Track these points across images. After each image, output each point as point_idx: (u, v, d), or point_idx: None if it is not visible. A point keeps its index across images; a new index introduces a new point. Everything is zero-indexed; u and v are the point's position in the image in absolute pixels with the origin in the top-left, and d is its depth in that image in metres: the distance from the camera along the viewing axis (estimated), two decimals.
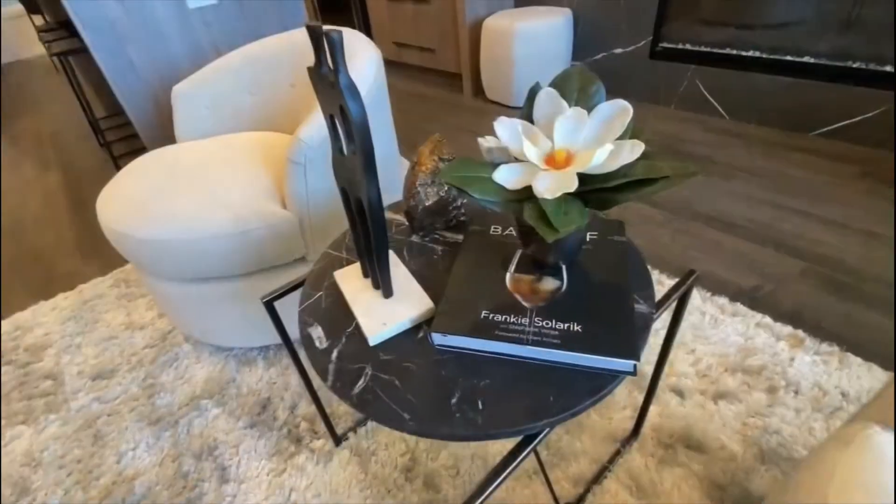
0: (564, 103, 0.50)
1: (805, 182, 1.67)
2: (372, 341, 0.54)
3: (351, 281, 0.62)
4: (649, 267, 0.63)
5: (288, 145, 0.94)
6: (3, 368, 1.29)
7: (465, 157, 0.51)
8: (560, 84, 0.52)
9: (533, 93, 0.53)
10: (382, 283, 0.57)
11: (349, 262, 0.69)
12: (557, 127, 0.49)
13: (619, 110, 0.49)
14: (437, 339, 0.53)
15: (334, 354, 0.54)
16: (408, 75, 3.33)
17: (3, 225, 2.05)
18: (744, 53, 2.03)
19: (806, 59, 1.88)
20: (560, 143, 0.50)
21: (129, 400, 1.15)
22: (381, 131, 1.17)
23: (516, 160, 0.52)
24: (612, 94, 2.45)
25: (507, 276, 0.56)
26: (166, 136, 1.87)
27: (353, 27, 3.38)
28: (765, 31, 1.94)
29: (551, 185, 0.45)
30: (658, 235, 1.50)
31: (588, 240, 0.63)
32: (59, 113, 3.56)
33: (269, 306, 0.70)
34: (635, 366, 0.48)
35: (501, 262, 0.61)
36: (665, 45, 2.24)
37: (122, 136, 2.79)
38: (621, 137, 0.48)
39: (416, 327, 0.57)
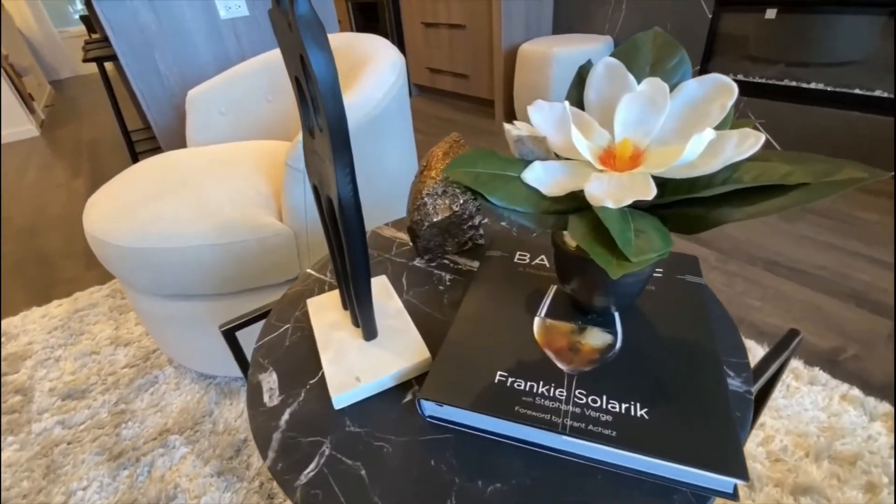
0: (632, 79, 0.35)
1: (881, 227, 1.44)
2: (337, 402, 0.38)
3: (326, 313, 0.47)
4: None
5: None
6: None
7: (485, 150, 0.36)
8: (625, 54, 0.37)
9: (583, 71, 0.39)
10: (362, 321, 0.41)
11: (332, 288, 0.54)
12: (621, 110, 0.34)
13: (714, 89, 0.33)
14: (430, 409, 0.37)
15: (285, 417, 0.38)
16: (439, 100, 3.28)
17: (20, 226, 2.03)
18: (804, 85, 1.84)
19: (878, 92, 1.69)
20: (623, 134, 0.35)
21: (95, 427, 1.02)
22: (399, 144, 1.05)
23: (557, 157, 0.36)
24: None
25: (536, 321, 0.40)
26: (184, 144, 1.82)
27: None
28: (821, 69, 1.77)
29: (614, 190, 0.29)
30: (710, 279, 1.29)
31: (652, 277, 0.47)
32: (101, 123, 3.67)
33: (230, 336, 0.56)
34: (736, 487, 0.30)
35: (528, 302, 0.45)
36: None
37: (151, 147, 2.80)
38: (718, 129, 0.32)
39: (404, 385, 0.41)
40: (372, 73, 0.93)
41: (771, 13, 1.84)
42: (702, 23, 2.01)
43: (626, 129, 0.34)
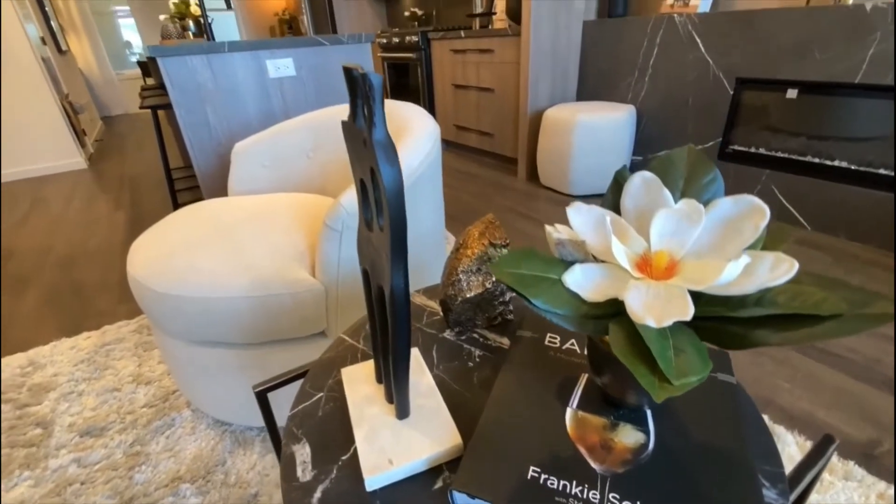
0: (667, 194, 0.38)
1: None
2: (369, 484, 0.39)
3: (360, 385, 0.49)
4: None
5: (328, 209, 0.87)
6: (2, 407, 1.22)
7: (527, 249, 0.38)
8: (661, 168, 0.40)
9: (620, 178, 0.42)
10: (397, 402, 0.43)
11: (364, 356, 0.56)
12: (657, 223, 0.37)
13: (747, 210, 0.35)
14: (462, 500, 0.37)
15: (317, 494, 0.39)
16: (465, 155, 3.40)
17: (62, 255, 2.13)
18: (827, 162, 1.87)
19: None
20: (659, 245, 0.37)
21: (109, 468, 1.02)
22: (430, 206, 1.10)
23: (595, 258, 0.39)
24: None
25: (568, 413, 0.41)
26: (224, 191, 1.92)
27: None
28: (844, 143, 1.80)
29: (652, 304, 0.31)
30: (738, 357, 1.27)
31: None
32: (144, 160, 3.90)
33: (262, 398, 0.57)
34: None
35: (559, 390, 0.46)
36: (736, 147, 2.14)
37: (189, 185, 2.95)
38: (751, 247, 0.34)
39: (434, 470, 0.41)
40: (410, 142, 1.00)
41: (792, 93, 1.90)
42: (723, 98, 2.09)
43: (662, 241, 0.37)
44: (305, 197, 1.27)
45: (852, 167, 1.81)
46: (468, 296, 0.56)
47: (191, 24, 3.00)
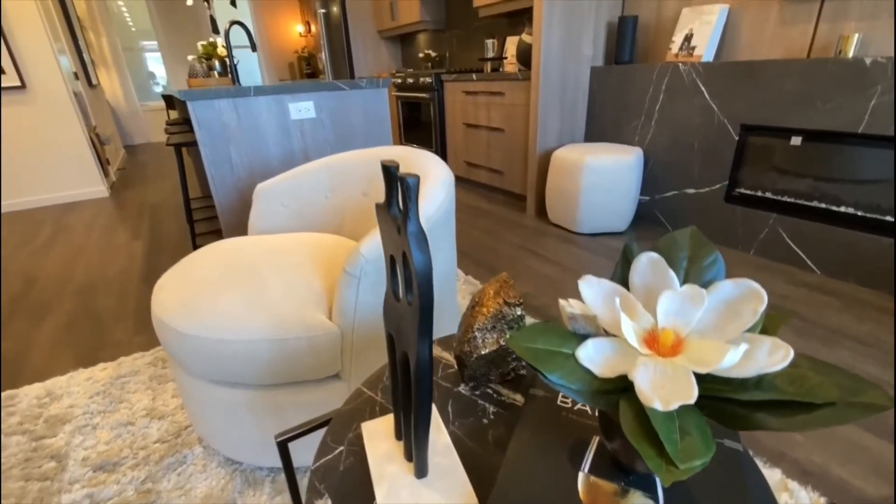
0: (672, 275, 0.41)
1: None
2: None
3: (379, 441, 0.51)
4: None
5: (348, 253, 0.91)
6: (17, 438, 1.24)
7: (543, 324, 0.42)
8: (665, 248, 0.44)
9: (629, 253, 0.45)
10: (416, 461, 0.45)
11: (382, 409, 0.58)
12: (663, 303, 0.40)
13: (747, 293, 0.38)
14: None
15: None
16: (475, 190, 3.48)
17: (81, 284, 2.19)
18: (833, 208, 1.90)
19: None
20: (665, 322, 0.40)
21: None
22: (443, 250, 1.14)
23: (606, 332, 0.41)
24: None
25: (581, 477, 0.43)
26: (243, 225, 1.98)
27: (431, 145, 3.68)
28: (850, 186, 1.82)
29: (660, 383, 0.34)
30: None
31: None
32: (164, 190, 4.03)
33: (283, 447, 0.59)
34: None
35: (571, 452, 0.48)
36: (742, 190, 2.17)
37: (207, 216, 3.04)
38: (751, 330, 0.37)
39: None
40: (426, 191, 1.05)
41: (796, 140, 1.95)
42: (728, 143, 2.14)
43: (668, 319, 0.40)
44: (323, 237, 1.31)
45: (858, 213, 1.83)
46: (483, 352, 0.59)
47: (217, 64, 3.16)
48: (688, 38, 2.28)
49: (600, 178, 2.33)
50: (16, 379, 1.50)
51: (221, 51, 3.18)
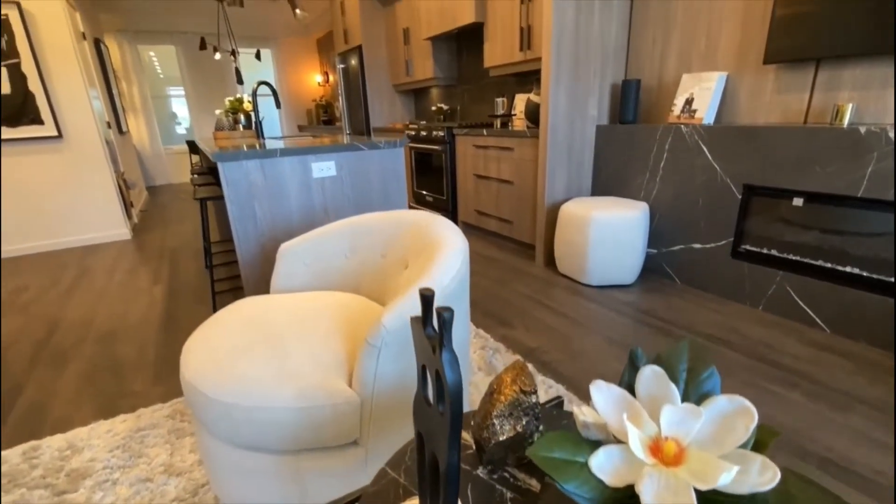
0: (673, 388, 0.46)
1: None
2: None
3: None
4: None
5: (368, 316, 0.97)
6: (40, 492, 1.27)
7: (559, 433, 0.46)
8: (667, 360, 0.49)
9: (635, 359, 0.50)
10: None
11: (406, 492, 0.62)
12: (665, 415, 0.44)
13: (739, 409, 0.43)
14: None
15: None
16: (485, 238, 3.56)
17: (103, 330, 2.26)
18: (839, 268, 1.93)
19: None
20: (668, 432, 0.44)
21: None
22: (459, 315, 1.19)
23: (616, 438, 0.46)
24: (692, 285, 2.42)
25: None
26: (263, 278, 2.06)
27: (443, 193, 3.81)
28: (852, 250, 1.86)
29: (663, 495, 0.38)
30: None
31: None
32: (184, 233, 4.17)
33: None
34: None
35: None
36: (748, 247, 2.22)
37: (224, 261, 3.14)
38: (744, 445, 0.42)
39: None
40: (442, 260, 1.11)
41: (798, 201, 2.01)
42: (732, 201, 2.21)
43: (670, 429, 0.44)
44: (342, 297, 1.38)
45: (864, 273, 1.86)
46: (501, 439, 0.63)
47: (242, 118, 3.37)
48: (689, 102, 2.40)
49: (608, 232, 2.40)
50: (39, 429, 1.55)
51: (247, 105, 3.39)
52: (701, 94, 2.36)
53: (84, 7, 4.64)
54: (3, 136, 3.44)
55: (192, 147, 5.89)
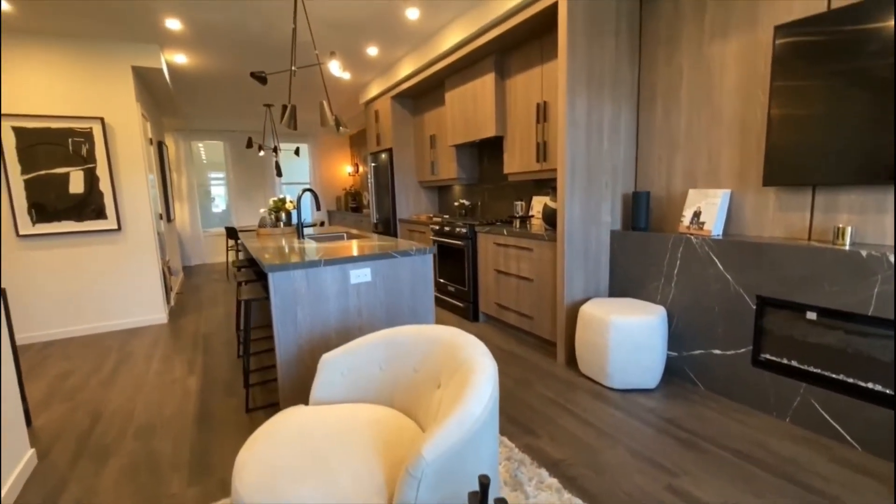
0: None
1: None
2: None
3: None
4: None
5: (404, 436, 1.06)
6: None
7: None
8: None
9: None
10: None
11: None
12: None
13: None
14: None
15: None
16: (504, 331, 3.65)
17: (141, 423, 2.36)
18: (861, 384, 1.95)
19: None
20: None
21: None
22: (486, 442, 1.27)
23: None
24: (715, 391, 2.43)
25: None
26: (298, 376, 2.18)
27: (464, 284, 3.98)
28: (872, 366, 1.89)
29: None
30: None
31: None
32: (216, 318, 4.38)
33: None
34: None
35: None
36: (767, 356, 2.27)
37: (255, 350, 3.29)
38: None
39: None
40: (474, 388, 1.23)
41: (811, 315, 2.09)
42: (747, 310, 2.30)
43: None
44: (379, 413, 1.48)
45: (887, 391, 1.88)
46: None
47: (283, 216, 3.70)
48: (697, 215, 2.60)
49: (627, 336, 2.48)
50: None
51: (289, 205, 3.74)
52: (708, 209, 2.55)
53: (153, 115, 5.33)
54: (70, 229, 3.83)
55: (230, 232, 6.33)
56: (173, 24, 3.50)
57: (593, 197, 2.90)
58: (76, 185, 3.83)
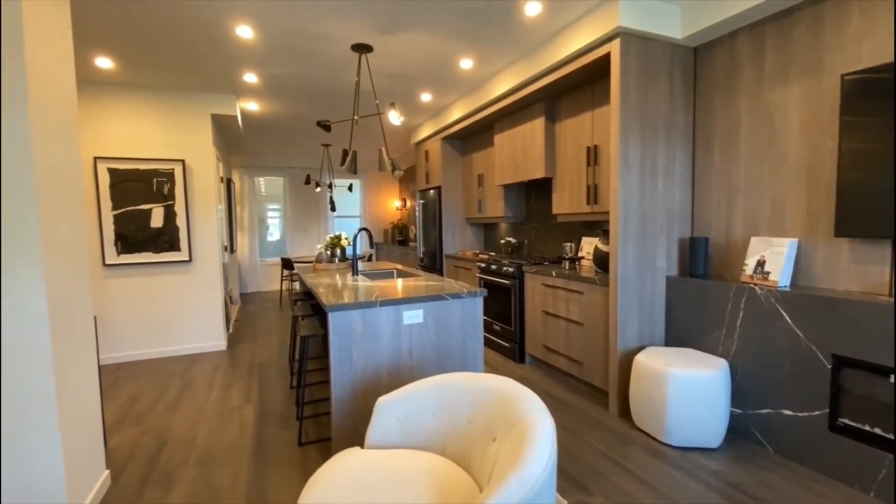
0: None
1: None
2: None
3: None
4: None
5: (458, 491, 1.07)
6: None
7: None
8: None
9: None
10: None
11: None
12: None
13: None
14: None
15: None
16: (552, 375, 3.57)
17: (202, 452, 2.48)
18: None
19: None
20: None
21: None
22: (544, 495, 1.25)
23: None
24: (786, 456, 2.24)
25: None
26: (350, 413, 2.23)
27: (510, 323, 3.95)
28: None
29: None
30: None
31: None
32: (271, 346, 4.57)
33: None
34: None
35: None
36: (846, 421, 2.08)
37: (309, 382, 3.39)
38: None
39: None
40: (533, 447, 1.22)
41: (893, 379, 1.92)
42: (821, 370, 2.14)
43: None
44: (432, 463, 1.49)
45: None
46: None
47: (338, 251, 3.87)
48: (760, 264, 2.48)
49: (687, 389, 2.36)
50: None
51: (344, 242, 3.91)
52: (773, 258, 2.44)
53: (224, 155, 5.82)
54: (147, 260, 4.19)
55: (286, 263, 6.66)
56: (250, 77, 3.88)
57: (648, 241, 2.85)
58: (157, 219, 4.21)
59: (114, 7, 2.63)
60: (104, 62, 3.48)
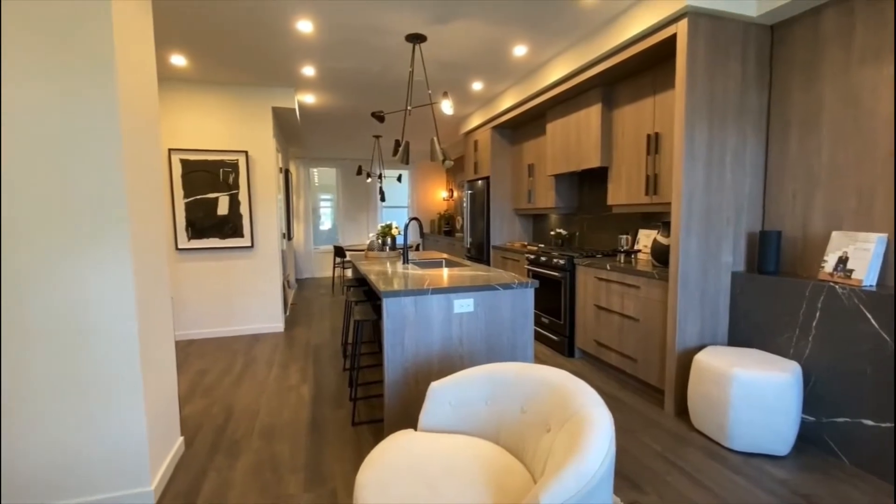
0: None
1: None
2: None
3: None
4: None
5: (513, 478, 1.07)
6: None
7: None
8: None
9: None
10: None
11: None
12: None
13: None
14: None
15: None
16: (604, 370, 3.48)
17: (265, 424, 2.65)
18: None
19: None
20: None
21: None
22: (602, 499, 1.23)
23: None
24: (865, 469, 2.07)
25: None
26: (401, 397, 2.29)
27: (560, 317, 3.88)
28: None
29: None
30: None
31: None
32: (324, 331, 4.77)
33: None
34: None
35: None
36: None
37: (362, 365, 3.51)
38: None
39: None
40: (590, 441, 1.20)
41: None
42: None
43: None
44: (486, 449, 1.51)
45: None
46: None
47: (389, 240, 3.96)
48: (842, 261, 2.28)
49: (752, 392, 2.22)
50: None
51: (395, 231, 3.99)
52: (857, 255, 2.23)
53: (282, 146, 6.08)
54: (214, 245, 4.49)
55: (338, 251, 6.90)
56: (308, 70, 4.01)
57: (712, 234, 2.69)
58: (223, 207, 4.49)
59: (189, 7, 2.81)
60: (179, 60, 3.72)
